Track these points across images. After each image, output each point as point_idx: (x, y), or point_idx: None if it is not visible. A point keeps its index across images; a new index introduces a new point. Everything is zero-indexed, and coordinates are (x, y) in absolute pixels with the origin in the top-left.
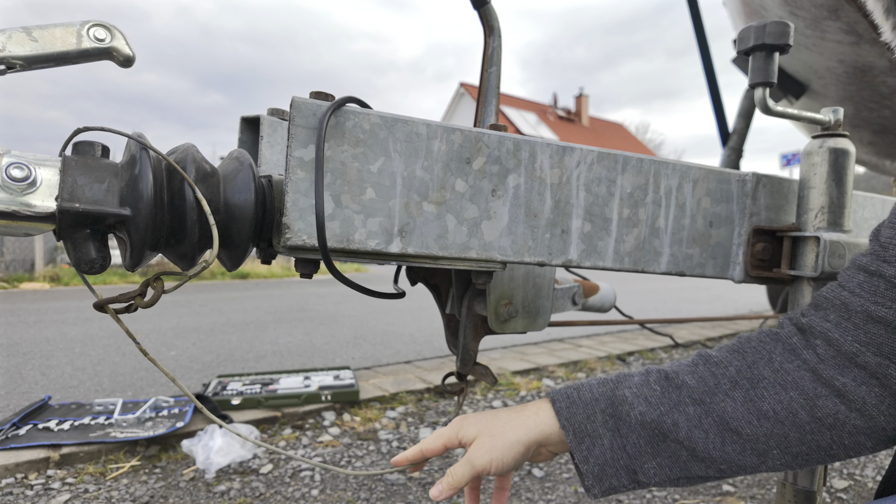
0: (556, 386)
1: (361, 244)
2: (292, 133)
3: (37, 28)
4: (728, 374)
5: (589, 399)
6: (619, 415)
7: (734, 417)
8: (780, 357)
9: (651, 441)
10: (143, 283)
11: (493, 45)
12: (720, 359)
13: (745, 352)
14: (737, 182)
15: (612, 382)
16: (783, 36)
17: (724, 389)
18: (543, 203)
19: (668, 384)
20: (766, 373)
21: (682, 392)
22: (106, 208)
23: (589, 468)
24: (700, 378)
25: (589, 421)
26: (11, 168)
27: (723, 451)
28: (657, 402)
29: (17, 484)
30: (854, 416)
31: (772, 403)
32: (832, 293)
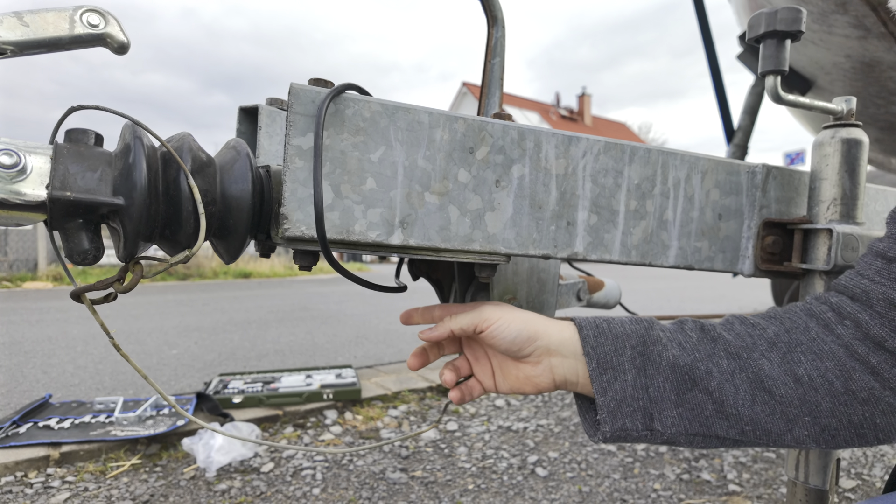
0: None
1: (362, 235)
2: (290, 121)
3: (28, 13)
4: (766, 335)
5: (620, 333)
6: (648, 354)
7: (770, 376)
8: (816, 329)
9: (678, 387)
10: (121, 269)
11: (497, 36)
12: (757, 321)
13: (782, 319)
14: (746, 174)
15: (646, 322)
16: (795, 22)
17: (761, 349)
18: (549, 194)
19: (703, 335)
20: (802, 339)
21: (717, 344)
22: (99, 197)
23: (605, 401)
24: (737, 334)
25: (616, 353)
26: (0, 155)
27: (752, 410)
28: (692, 348)
29: (16, 482)
30: (888, 394)
31: (807, 369)
32: (851, 281)
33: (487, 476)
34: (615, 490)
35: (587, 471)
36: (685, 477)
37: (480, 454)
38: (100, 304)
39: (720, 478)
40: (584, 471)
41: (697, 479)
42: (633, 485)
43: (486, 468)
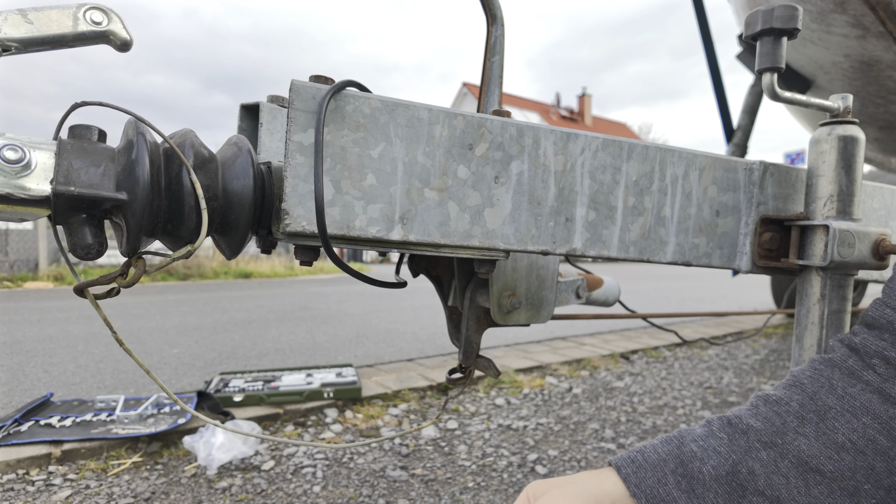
0: (560, 384)
1: (362, 231)
2: (291, 117)
3: (32, 10)
4: (791, 409)
5: (656, 461)
6: (690, 473)
7: (812, 455)
8: (841, 383)
9: (730, 498)
10: (124, 264)
11: (496, 34)
12: (779, 396)
13: (803, 384)
14: (744, 170)
15: (677, 439)
16: (791, 20)
17: (793, 427)
18: (547, 190)
19: (732, 430)
20: (830, 402)
21: (749, 437)
22: (102, 192)
23: None
24: (765, 419)
25: (661, 485)
26: (5, 150)
27: (809, 497)
28: (727, 451)
29: (18, 480)
30: None
31: (846, 433)
32: (878, 312)
33: (487, 474)
34: None
35: (587, 469)
36: None
37: (480, 452)
38: (103, 298)
39: None
40: (584, 469)
41: None
42: None
43: (486, 466)
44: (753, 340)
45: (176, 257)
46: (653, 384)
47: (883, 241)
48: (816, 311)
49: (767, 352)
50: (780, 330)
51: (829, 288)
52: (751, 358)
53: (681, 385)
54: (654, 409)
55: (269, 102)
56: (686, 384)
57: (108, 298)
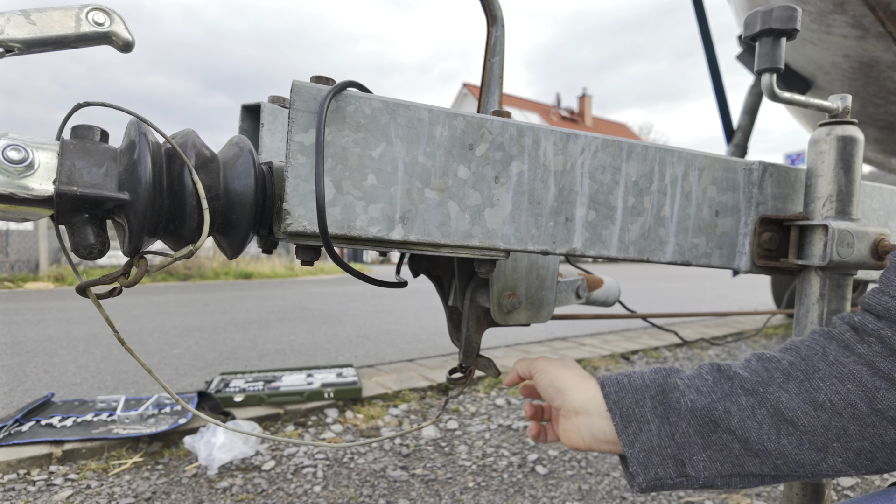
0: None
1: (363, 231)
2: (292, 117)
3: (35, 11)
4: (781, 367)
5: (639, 385)
6: (668, 402)
7: (789, 407)
8: (835, 352)
9: (701, 430)
10: (126, 263)
11: (496, 35)
12: (773, 355)
13: (798, 348)
14: (743, 171)
15: (665, 371)
16: (790, 20)
17: (778, 381)
18: (547, 190)
19: (720, 375)
20: (820, 365)
21: (734, 383)
22: (104, 192)
23: (634, 453)
24: (753, 370)
25: (637, 405)
26: (8, 150)
27: (778, 444)
28: (708, 390)
29: (19, 480)
30: None
31: (828, 394)
32: (874, 298)
33: (488, 474)
34: (615, 488)
35: (587, 469)
36: None
37: (481, 452)
38: (105, 298)
39: None
40: (584, 469)
41: None
42: None
43: (487, 466)
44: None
45: (178, 257)
46: None
47: (882, 240)
48: (816, 311)
49: None
50: (780, 330)
51: (828, 288)
52: None
53: None
54: None
55: (271, 103)
56: None
57: (110, 298)
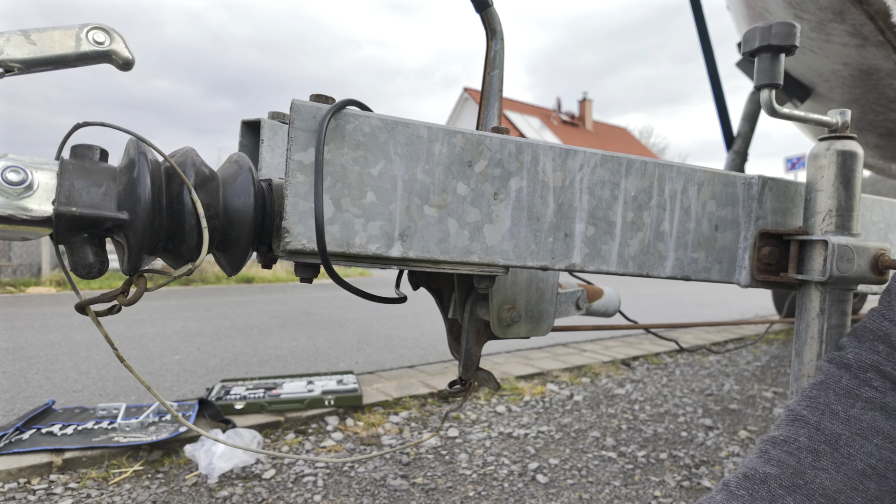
0: (561, 391)
1: (362, 248)
2: (292, 136)
3: (35, 31)
4: (802, 445)
5: None
6: None
7: (838, 490)
8: (841, 406)
9: None
10: (125, 282)
11: (496, 49)
12: (786, 435)
13: (804, 416)
14: (742, 185)
15: None
16: (789, 37)
17: (809, 463)
18: (546, 206)
19: (751, 484)
20: (837, 428)
21: (769, 485)
22: (103, 212)
23: None
24: (779, 462)
25: None
26: (8, 171)
27: None
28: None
29: (19, 489)
30: None
31: (863, 458)
32: (875, 324)
33: (488, 483)
34: (615, 497)
35: (588, 477)
36: (685, 484)
37: (481, 461)
38: (104, 315)
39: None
40: (585, 477)
41: (698, 486)
42: (634, 492)
43: (487, 475)
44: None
45: (176, 275)
46: (654, 391)
47: (882, 255)
48: (816, 326)
49: (769, 358)
50: (781, 336)
51: (828, 303)
52: (752, 364)
53: (682, 392)
54: (655, 416)
55: (270, 119)
56: (687, 391)
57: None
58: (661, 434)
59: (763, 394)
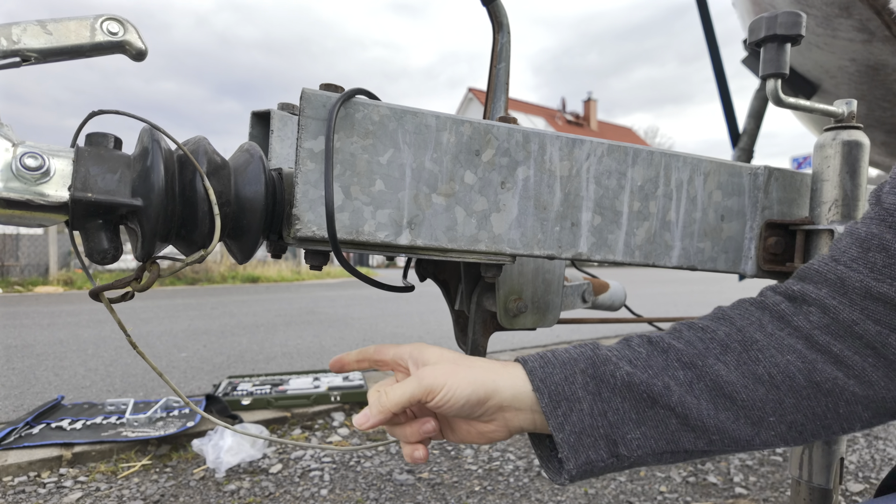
0: None
1: (371, 236)
2: (302, 124)
3: (51, 21)
4: (717, 337)
5: (566, 359)
6: (601, 375)
7: (728, 382)
8: (771, 325)
9: (637, 406)
10: (138, 268)
11: (502, 42)
12: (706, 325)
13: (732, 318)
14: (748, 175)
15: (591, 345)
16: (795, 26)
17: (715, 353)
18: (553, 195)
19: (652, 348)
20: (757, 336)
21: (668, 355)
22: (118, 198)
23: (565, 437)
24: (687, 342)
25: (567, 382)
26: (26, 157)
27: (717, 419)
28: (644, 364)
29: (30, 482)
30: (852, 383)
31: (767, 367)
32: (825, 266)
33: (494, 478)
34: (621, 492)
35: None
36: (691, 479)
37: (487, 456)
38: (118, 302)
39: (726, 480)
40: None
41: (704, 481)
42: (639, 487)
43: (493, 470)
44: None
45: (189, 262)
46: None
47: None
48: None
49: None
50: None
51: None
52: None
53: None
54: None
55: (280, 110)
56: None
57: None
58: None
59: None
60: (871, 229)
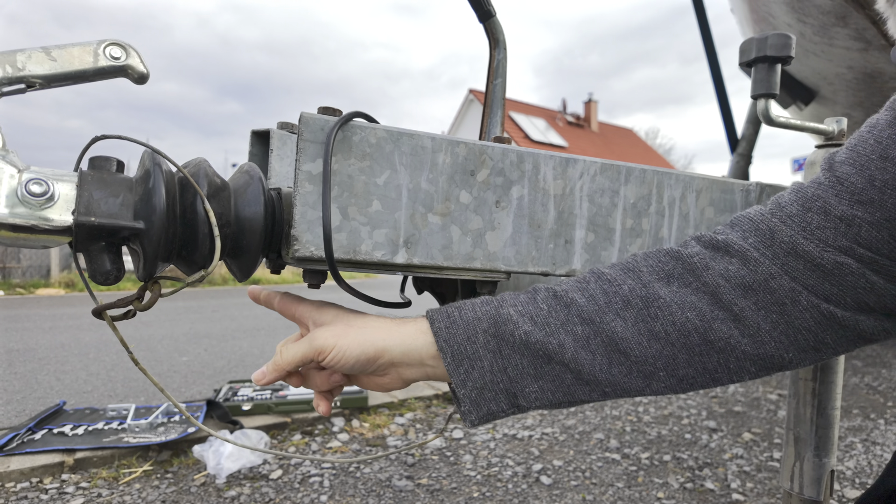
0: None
1: (368, 255)
2: (301, 147)
3: (55, 48)
4: (621, 292)
5: (471, 318)
6: (501, 335)
7: (623, 338)
8: (679, 279)
9: (535, 362)
10: (140, 288)
11: (499, 58)
12: (613, 276)
13: (641, 270)
14: (741, 192)
15: (497, 301)
16: (784, 48)
17: (616, 309)
18: (547, 214)
19: (556, 302)
20: (662, 293)
21: (570, 311)
22: (120, 222)
23: (466, 392)
24: (590, 296)
25: (469, 342)
26: (31, 184)
27: (609, 374)
28: (543, 321)
29: (32, 488)
30: (746, 341)
31: (664, 324)
32: (760, 216)
33: (492, 484)
34: (619, 499)
35: (591, 479)
36: (689, 486)
37: (485, 462)
38: (120, 320)
39: (724, 487)
40: (588, 479)
41: (701, 487)
42: (637, 493)
43: (491, 476)
44: None
45: (189, 282)
46: None
47: None
48: None
49: None
50: None
51: None
52: None
53: (686, 394)
54: (659, 418)
55: (279, 129)
56: (691, 393)
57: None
58: (665, 436)
59: (768, 396)
60: (818, 192)
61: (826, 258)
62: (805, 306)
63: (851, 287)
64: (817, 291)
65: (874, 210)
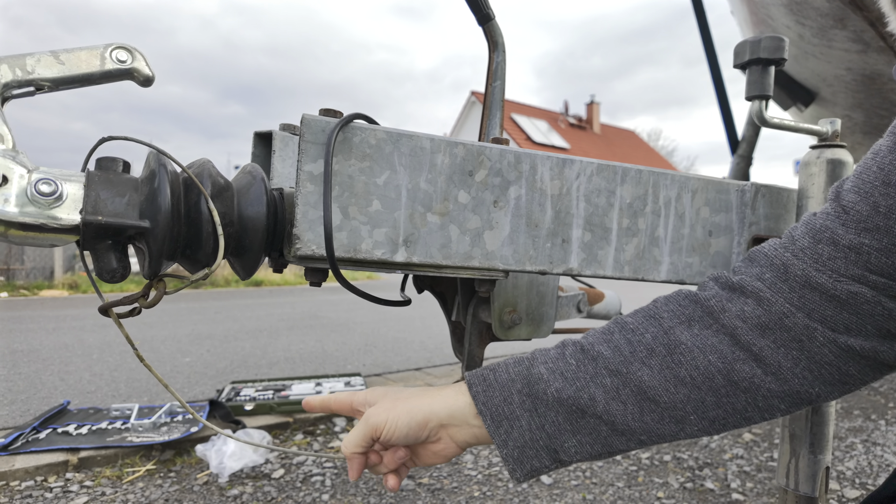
0: None
1: (368, 254)
2: (302, 149)
3: (63, 51)
4: (644, 341)
5: (505, 380)
6: (535, 393)
7: (651, 386)
8: (699, 322)
9: (570, 418)
10: (146, 286)
11: (498, 61)
12: (636, 325)
13: (662, 317)
14: (736, 192)
15: (528, 360)
16: (778, 50)
17: (641, 357)
18: (544, 213)
19: (583, 356)
20: (683, 338)
21: (598, 364)
22: (127, 221)
23: (508, 452)
24: (615, 347)
25: (506, 403)
26: (40, 184)
27: (641, 422)
28: (573, 376)
29: (36, 487)
30: (770, 379)
31: (689, 369)
32: (774, 252)
33: (493, 483)
34: (619, 498)
35: (591, 479)
36: (689, 486)
37: (486, 462)
38: (125, 317)
39: (724, 486)
40: (589, 479)
41: (701, 487)
42: (637, 493)
43: (492, 476)
44: None
45: (194, 279)
46: None
47: None
48: None
49: None
50: None
51: None
52: None
53: None
54: None
55: (281, 131)
56: None
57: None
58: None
59: None
60: (826, 223)
61: (839, 288)
62: (822, 342)
63: (869, 315)
64: (834, 324)
65: (881, 236)
